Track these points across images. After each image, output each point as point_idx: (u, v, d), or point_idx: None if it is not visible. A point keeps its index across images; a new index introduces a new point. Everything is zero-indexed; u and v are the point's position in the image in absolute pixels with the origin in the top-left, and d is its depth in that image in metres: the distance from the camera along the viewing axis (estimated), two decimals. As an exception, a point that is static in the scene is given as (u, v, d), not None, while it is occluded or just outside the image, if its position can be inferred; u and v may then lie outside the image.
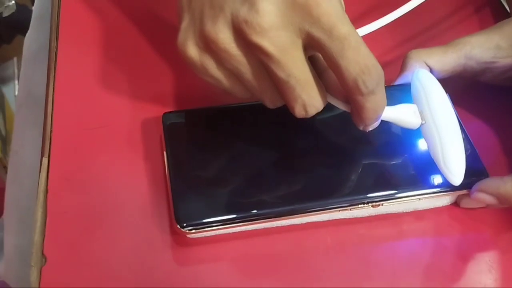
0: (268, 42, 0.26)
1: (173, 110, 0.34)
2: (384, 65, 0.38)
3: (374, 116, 0.29)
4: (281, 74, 0.27)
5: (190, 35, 0.28)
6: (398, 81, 0.35)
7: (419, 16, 0.36)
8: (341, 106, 0.30)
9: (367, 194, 0.30)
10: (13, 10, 0.70)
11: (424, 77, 0.33)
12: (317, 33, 0.26)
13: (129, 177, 0.32)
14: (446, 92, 0.35)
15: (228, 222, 0.29)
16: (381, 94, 0.28)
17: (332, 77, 0.28)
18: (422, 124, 0.31)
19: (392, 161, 0.32)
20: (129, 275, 0.28)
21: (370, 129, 0.30)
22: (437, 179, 0.31)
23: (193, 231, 0.28)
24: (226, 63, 0.27)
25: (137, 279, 0.28)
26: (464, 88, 0.37)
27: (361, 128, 0.30)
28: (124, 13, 0.41)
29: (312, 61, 0.28)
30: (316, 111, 0.29)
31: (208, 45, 0.27)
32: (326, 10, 0.26)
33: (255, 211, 0.29)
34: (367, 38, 0.31)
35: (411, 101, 0.32)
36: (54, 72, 0.37)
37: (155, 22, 0.40)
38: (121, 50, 0.39)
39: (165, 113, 0.33)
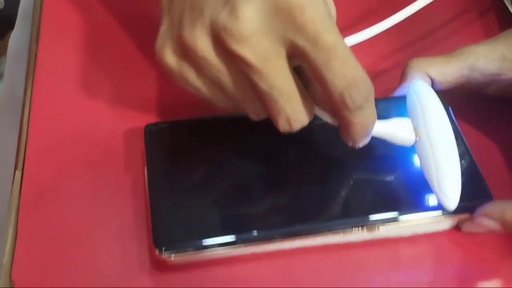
0: (248, 51, 0.24)
1: (158, 120, 0.32)
2: (382, 73, 0.37)
3: (362, 132, 0.27)
4: (263, 85, 0.25)
5: (168, 40, 0.26)
6: (397, 93, 0.33)
7: (420, 21, 0.34)
8: (329, 119, 0.28)
9: (362, 217, 0.28)
10: (2, 6, 0.68)
11: (422, 89, 0.31)
12: (301, 42, 0.24)
13: (108, 194, 0.30)
14: (448, 104, 0.33)
15: (212, 246, 0.27)
16: (370, 109, 0.26)
17: (319, 88, 0.26)
18: (416, 141, 0.29)
19: (389, 182, 0.29)
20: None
21: (361, 145, 0.28)
22: (438, 202, 0.29)
23: (173, 256, 0.26)
24: (206, 71, 0.25)
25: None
26: (468, 100, 0.35)
27: (350, 144, 0.28)
28: (111, 13, 0.38)
29: (298, 71, 0.26)
30: (302, 126, 0.27)
31: (186, 52, 0.25)
32: (311, 17, 0.24)
33: (241, 234, 0.27)
34: (363, 43, 0.29)
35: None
36: (33, 78, 0.35)
37: (142, 26, 0.38)
38: (106, 54, 0.37)
39: (147, 125, 0.31)
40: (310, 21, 0.24)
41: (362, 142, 0.28)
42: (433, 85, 0.33)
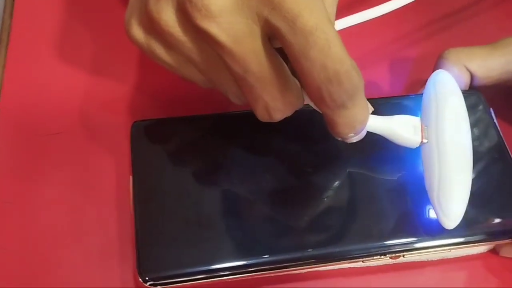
0: (217, 29, 0.20)
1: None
2: (402, 60, 0.32)
3: (349, 131, 0.23)
4: (236, 68, 0.21)
5: (136, 12, 0.22)
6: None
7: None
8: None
9: (385, 242, 0.24)
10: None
11: (443, 81, 0.26)
12: (278, 23, 0.20)
13: (88, 205, 0.26)
14: (489, 105, 0.28)
15: (209, 275, 0.22)
16: (358, 108, 0.22)
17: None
18: (423, 143, 0.24)
19: (419, 199, 0.25)
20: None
21: (353, 141, 0.24)
22: (475, 224, 0.24)
23: (159, 287, 0.22)
24: (175, 48, 0.22)
25: None
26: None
27: (339, 139, 0.24)
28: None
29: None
30: (283, 116, 0.23)
31: (153, 26, 0.22)
32: None
33: (242, 261, 0.23)
34: (376, 21, 0.25)
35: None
36: (4, 61, 0.30)
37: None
38: (91, 30, 0.32)
39: (135, 122, 0.26)
40: None
41: (353, 140, 0.24)
42: (472, 80, 0.28)
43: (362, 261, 0.24)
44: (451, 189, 0.23)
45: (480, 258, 0.26)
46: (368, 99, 0.23)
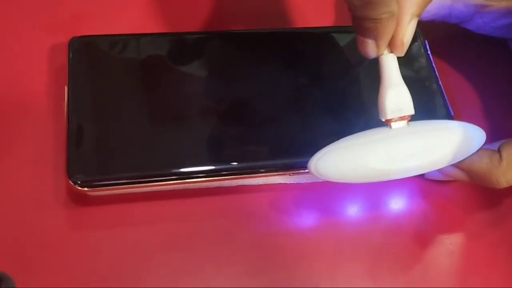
0: None
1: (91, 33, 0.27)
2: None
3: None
4: None
5: None
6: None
7: None
8: None
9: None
10: None
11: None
12: None
13: (25, 113, 0.26)
14: (425, 39, 0.29)
15: (135, 180, 0.23)
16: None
17: None
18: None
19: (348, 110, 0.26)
20: (6, 237, 0.23)
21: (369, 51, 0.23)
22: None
23: (86, 188, 0.23)
24: None
25: (17, 243, 0.23)
26: (448, 37, 0.31)
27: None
28: None
29: None
30: None
31: None
32: None
33: (169, 169, 0.23)
34: None
35: None
36: None
37: None
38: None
39: (73, 37, 0.26)
40: None
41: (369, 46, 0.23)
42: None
43: (290, 174, 0.25)
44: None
45: (405, 180, 0.27)
46: None
